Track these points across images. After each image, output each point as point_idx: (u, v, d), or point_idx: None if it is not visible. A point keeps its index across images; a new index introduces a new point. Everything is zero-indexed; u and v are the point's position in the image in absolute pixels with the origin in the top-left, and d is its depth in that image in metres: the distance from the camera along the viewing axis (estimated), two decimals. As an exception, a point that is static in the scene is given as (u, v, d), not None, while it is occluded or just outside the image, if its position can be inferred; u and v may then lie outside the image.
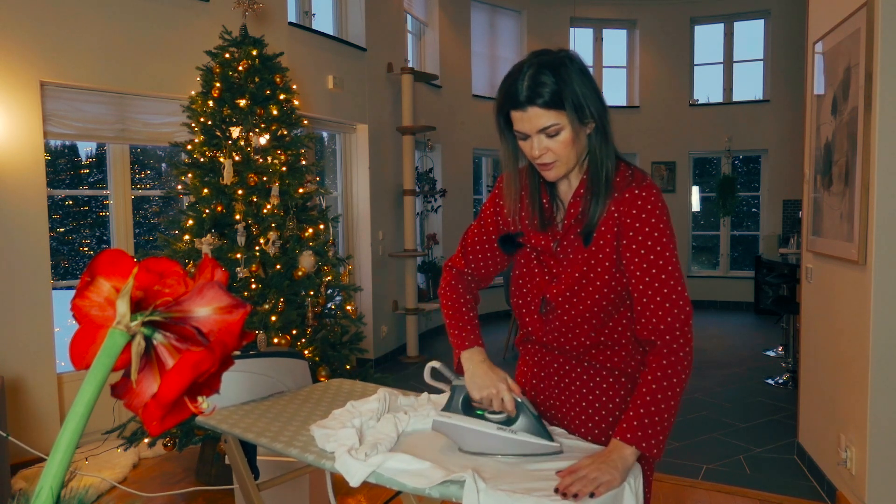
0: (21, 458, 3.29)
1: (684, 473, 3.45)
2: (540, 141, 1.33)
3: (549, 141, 1.33)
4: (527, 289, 1.50)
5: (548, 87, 1.29)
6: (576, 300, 1.41)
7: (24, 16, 3.51)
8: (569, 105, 1.30)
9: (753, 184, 9.20)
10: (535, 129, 1.32)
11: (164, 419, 0.57)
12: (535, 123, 1.31)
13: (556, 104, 1.29)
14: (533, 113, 1.30)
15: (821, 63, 3.23)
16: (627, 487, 1.26)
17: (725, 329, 7.42)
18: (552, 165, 1.36)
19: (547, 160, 1.35)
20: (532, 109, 1.30)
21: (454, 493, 1.23)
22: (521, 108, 1.31)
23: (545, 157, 1.35)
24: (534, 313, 1.49)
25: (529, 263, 1.50)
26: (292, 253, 3.41)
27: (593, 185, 1.39)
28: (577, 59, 1.34)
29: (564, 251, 1.43)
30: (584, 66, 1.35)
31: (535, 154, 1.35)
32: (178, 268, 0.59)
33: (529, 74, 1.30)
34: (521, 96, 1.30)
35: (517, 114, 1.33)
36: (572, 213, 1.42)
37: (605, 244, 1.38)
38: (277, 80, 3.56)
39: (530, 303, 1.50)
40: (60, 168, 8.07)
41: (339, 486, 3.10)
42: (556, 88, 1.29)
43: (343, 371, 3.49)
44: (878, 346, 2.61)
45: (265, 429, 1.67)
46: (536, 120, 1.31)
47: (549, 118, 1.30)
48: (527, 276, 1.50)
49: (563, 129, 1.32)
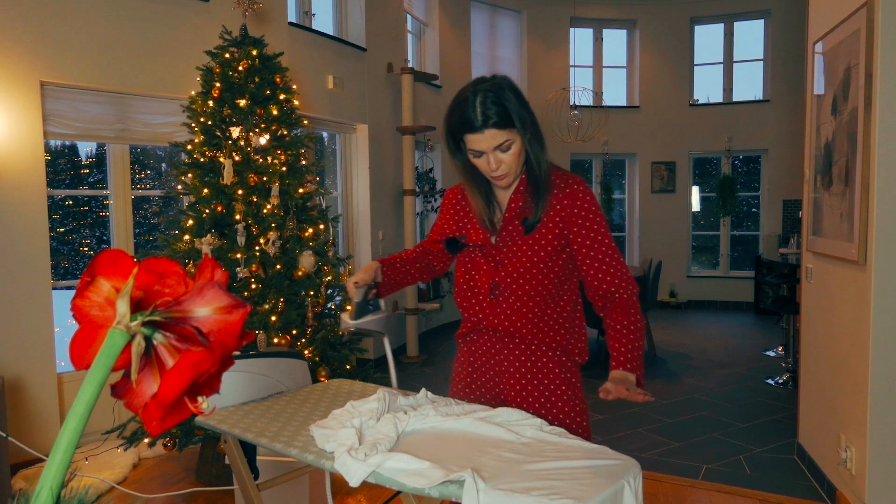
0: (21, 458, 3.29)
1: (684, 473, 3.45)
2: (496, 156, 1.56)
3: (502, 155, 1.56)
4: (475, 280, 1.70)
5: (498, 110, 1.52)
6: (522, 281, 1.63)
7: (24, 16, 3.51)
8: (516, 121, 1.54)
9: (753, 184, 9.20)
10: (490, 147, 1.54)
11: (164, 419, 0.57)
12: (492, 142, 1.54)
13: (506, 123, 1.53)
14: (489, 134, 1.52)
15: (821, 63, 3.23)
16: (627, 487, 1.26)
17: (725, 329, 7.42)
18: (505, 176, 1.60)
19: (502, 172, 1.58)
20: (489, 131, 1.52)
21: (454, 493, 1.23)
22: (478, 131, 1.53)
23: (500, 169, 1.58)
24: (483, 300, 1.68)
25: (475, 258, 1.71)
26: (292, 253, 3.41)
27: (532, 183, 1.63)
28: (510, 82, 1.58)
29: (504, 242, 1.67)
30: (516, 87, 1.59)
31: (493, 167, 1.58)
32: (178, 268, 0.59)
33: (479, 101, 1.52)
34: (477, 122, 1.52)
35: (474, 136, 1.54)
36: (513, 207, 1.65)
37: (546, 232, 1.63)
38: (277, 80, 3.56)
39: (479, 291, 1.70)
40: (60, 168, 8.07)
41: (339, 486, 3.10)
42: (503, 109, 1.52)
43: (343, 371, 3.49)
44: (878, 345, 2.61)
45: (265, 429, 1.67)
46: (492, 139, 1.53)
47: (503, 136, 1.53)
48: (472, 270, 1.72)
49: (513, 143, 1.56)
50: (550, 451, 1.38)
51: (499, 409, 1.56)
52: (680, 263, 8.99)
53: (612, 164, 9.26)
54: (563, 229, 1.62)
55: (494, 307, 1.67)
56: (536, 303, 1.63)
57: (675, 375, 5.42)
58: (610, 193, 9.03)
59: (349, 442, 1.41)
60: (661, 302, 8.83)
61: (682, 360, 5.94)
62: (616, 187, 9.31)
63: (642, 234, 9.12)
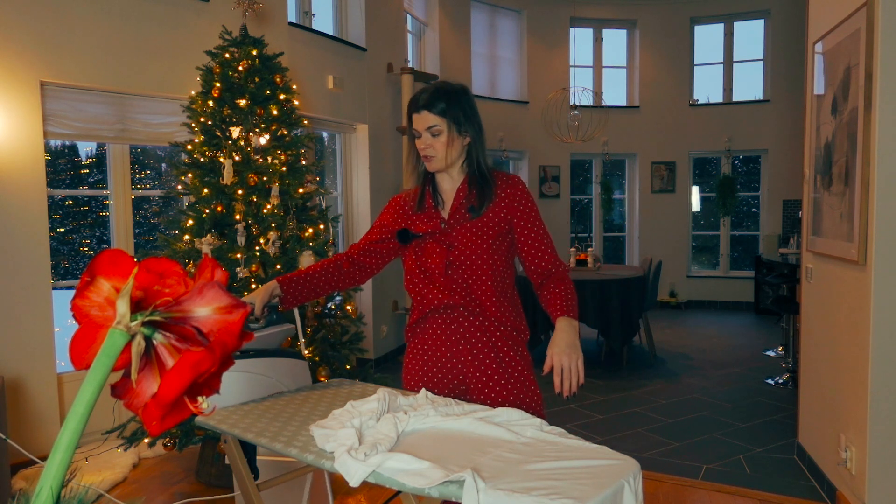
0: (21, 458, 3.29)
1: (684, 473, 3.45)
2: (426, 137, 1.86)
3: (432, 139, 1.85)
4: (427, 262, 1.88)
5: (438, 100, 1.84)
6: (474, 257, 1.85)
7: (24, 16, 3.51)
8: (449, 116, 1.84)
9: (753, 184, 9.20)
10: (423, 126, 1.86)
11: (164, 419, 0.57)
12: (424, 123, 1.85)
13: (440, 112, 1.83)
14: (423, 115, 1.85)
15: (821, 63, 3.23)
16: (627, 487, 1.26)
17: (725, 329, 7.42)
18: (431, 158, 1.87)
19: (428, 154, 1.87)
20: (424, 112, 1.85)
21: (454, 493, 1.23)
22: (418, 111, 1.86)
23: (427, 150, 1.87)
24: (437, 280, 1.86)
25: (425, 245, 1.90)
26: (292, 253, 3.41)
27: (474, 179, 1.90)
28: (467, 91, 1.91)
29: (452, 226, 1.88)
30: (472, 98, 1.92)
31: (422, 146, 1.87)
32: (178, 268, 0.59)
33: (430, 91, 1.86)
34: (419, 102, 1.86)
35: (415, 116, 1.87)
36: (460, 196, 1.90)
37: (493, 216, 1.87)
38: (277, 80, 3.56)
39: (433, 272, 1.87)
40: (60, 168, 8.07)
41: (339, 486, 3.10)
42: (447, 103, 1.84)
43: (343, 371, 3.49)
44: (878, 345, 2.61)
45: (265, 429, 1.67)
46: (424, 121, 1.85)
47: (433, 120, 1.84)
48: (423, 256, 1.90)
49: (442, 132, 1.84)
50: (550, 451, 1.38)
51: (499, 409, 1.57)
52: (680, 263, 8.99)
53: (612, 164, 9.26)
54: (507, 215, 1.88)
55: (450, 283, 1.85)
56: (489, 276, 1.85)
57: (675, 375, 5.42)
58: (610, 193, 9.03)
59: (349, 442, 1.41)
60: (661, 302, 8.83)
61: (682, 360, 5.94)
62: (616, 187, 9.30)
63: (642, 234, 9.12)
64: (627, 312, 5.48)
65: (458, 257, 1.85)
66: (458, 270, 1.85)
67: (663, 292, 8.82)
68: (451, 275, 1.85)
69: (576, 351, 1.67)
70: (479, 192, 1.87)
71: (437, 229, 1.88)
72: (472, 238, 1.85)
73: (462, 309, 1.86)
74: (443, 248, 1.86)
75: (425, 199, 1.94)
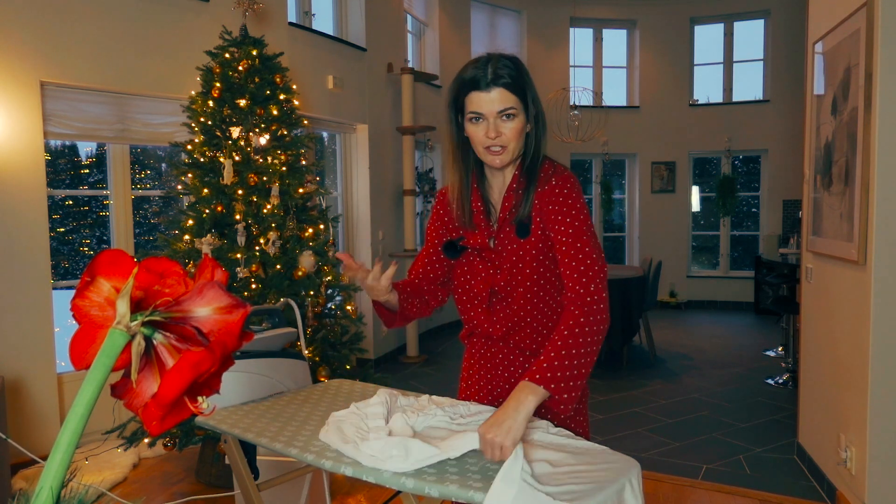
0: (21, 457, 3.29)
1: (684, 473, 3.45)
2: (496, 124, 1.42)
3: (503, 125, 1.42)
4: (472, 284, 1.60)
5: (511, 72, 1.41)
6: (522, 289, 1.52)
7: (24, 16, 3.51)
8: (528, 94, 1.44)
9: (753, 184, 9.20)
10: (494, 110, 1.41)
11: (164, 419, 0.57)
12: (496, 105, 1.41)
13: (517, 90, 1.41)
14: (496, 94, 1.40)
15: (821, 63, 3.23)
16: (628, 487, 1.26)
17: (725, 329, 7.42)
18: (503, 151, 1.45)
19: (501, 144, 1.44)
20: (496, 90, 1.40)
21: (454, 493, 1.23)
22: (486, 88, 1.40)
23: (499, 140, 1.43)
24: (480, 306, 1.59)
25: (472, 262, 1.59)
26: (292, 253, 3.41)
27: (526, 179, 1.50)
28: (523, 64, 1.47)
29: (502, 244, 1.54)
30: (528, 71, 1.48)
31: (491, 136, 1.42)
32: (178, 268, 0.59)
33: (492, 62, 1.41)
34: (487, 78, 1.40)
35: (479, 95, 1.41)
36: (506, 206, 1.53)
37: (533, 231, 1.50)
38: (277, 80, 3.56)
39: (476, 296, 1.59)
40: (60, 168, 8.07)
41: (339, 486, 3.10)
42: (518, 76, 1.42)
43: (343, 371, 3.49)
44: (878, 345, 2.61)
45: (265, 429, 1.67)
46: (498, 101, 1.40)
47: (510, 101, 1.41)
48: (469, 274, 1.60)
49: (517, 116, 1.43)
50: (554, 452, 1.38)
51: None
52: (680, 263, 8.99)
53: (612, 164, 9.26)
54: (542, 225, 1.50)
55: (490, 315, 1.59)
56: (535, 306, 1.53)
57: (675, 375, 5.42)
58: (610, 193, 9.03)
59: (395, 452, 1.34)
60: (661, 302, 8.83)
61: (682, 360, 5.94)
62: (616, 187, 9.30)
63: (642, 234, 9.12)
64: (627, 312, 5.48)
65: (504, 288, 1.54)
66: (502, 303, 1.56)
67: (663, 292, 8.82)
68: (494, 304, 1.58)
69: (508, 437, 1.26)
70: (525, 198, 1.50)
71: (486, 247, 1.56)
72: (517, 263, 1.52)
73: (501, 344, 1.61)
74: (488, 273, 1.56)
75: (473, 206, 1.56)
